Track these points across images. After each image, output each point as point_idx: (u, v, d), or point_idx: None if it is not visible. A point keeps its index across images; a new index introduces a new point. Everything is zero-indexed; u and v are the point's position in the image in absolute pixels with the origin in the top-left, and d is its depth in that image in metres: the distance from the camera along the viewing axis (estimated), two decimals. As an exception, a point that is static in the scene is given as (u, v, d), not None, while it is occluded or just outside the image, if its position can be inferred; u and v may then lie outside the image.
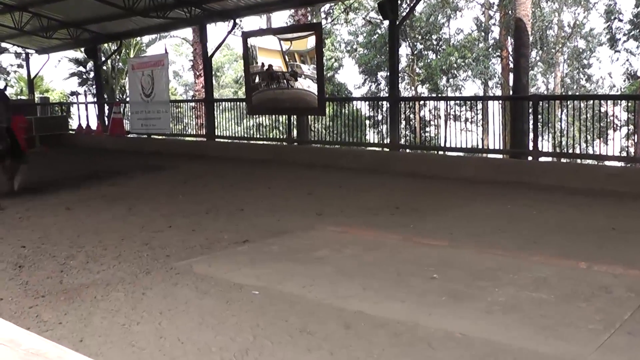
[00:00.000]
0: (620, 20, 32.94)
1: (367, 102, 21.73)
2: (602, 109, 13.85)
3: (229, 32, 19.37)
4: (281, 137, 21.46)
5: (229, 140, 19.71)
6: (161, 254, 7.31)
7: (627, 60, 33.13)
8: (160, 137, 21.77)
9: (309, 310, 5.34)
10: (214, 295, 5.79)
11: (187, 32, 35.53)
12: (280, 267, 6.66)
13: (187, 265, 6.80)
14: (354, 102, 20.53)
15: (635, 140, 20.84)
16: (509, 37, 29.52)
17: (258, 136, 22.02)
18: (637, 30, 31.92)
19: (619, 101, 16.97)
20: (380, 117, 19.09)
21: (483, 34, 33.91)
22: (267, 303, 5.53)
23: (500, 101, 17.28)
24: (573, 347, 4.54)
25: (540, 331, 4.83)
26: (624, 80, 33.39)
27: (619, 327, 4.88)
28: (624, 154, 19.31)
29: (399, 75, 20.49)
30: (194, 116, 23.75)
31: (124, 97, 33.18)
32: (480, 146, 18.72)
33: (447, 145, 15.51)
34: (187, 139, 22.42)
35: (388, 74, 16.83)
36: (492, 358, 4.36)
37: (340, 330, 4.87)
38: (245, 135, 21.25)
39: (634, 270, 6.29)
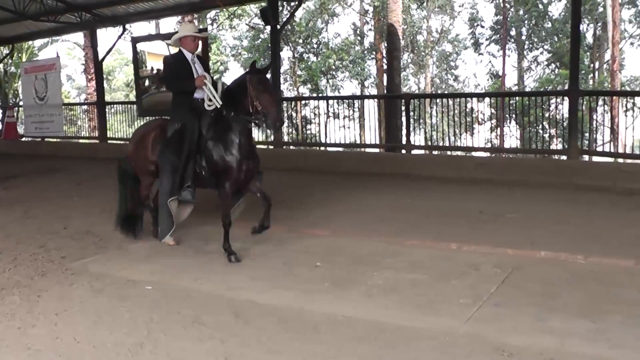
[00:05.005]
0: (482, 27, 34.29)
1: (252, 104, 21.57)
2: (469, 106, 14.27)
3: (119, 37, 18.80)
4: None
5: (122, 142, 19.22)
6: (57, 255, 7.01)
7: (490, 62, 34.56)
8: (54, 140, 20.97)
9: (201, 302, 5.29)
10: (108, 293, 5.64)
11: (79, 37, 34.28)
12: (173, 262, 6.53)
13: (83, 265, 6.57)
14: (240, 104, 20.30)
15: (499, 133, 21.58)
16: (382, 41, 29.99)
17: (150, 137, 21.55)
18: (498, 36, 33.24)
19: (483, 98, 17.50)
20: (265, 117, 18.95)
21: (359, 38, 34.29)
22: (161, 297, 5.43)
23: (376, 100, 17.58)
24: (446, 321, 4.67)
25: (416, 309, 4.94)
26: (488, 80, 34.71)
27: (486, 300, 5.08)
28: (489, 145, 19.98)
29: (282, 77, 20.34)
30: (87, 119, 22.98)
31: (17, 100, 31.73)
32: (358, 142, 18.87)
33: (328, 141, 15.57)
34: (81, 141, 21.67)
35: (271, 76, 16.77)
36: (373, 337, 4.42)
37: (230, 320, 4.84)
38: (138, 137, 20.90)
39: (499, 248, 6.52)
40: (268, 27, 15.99)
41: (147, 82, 17.06)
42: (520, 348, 4.18)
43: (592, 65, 30.84)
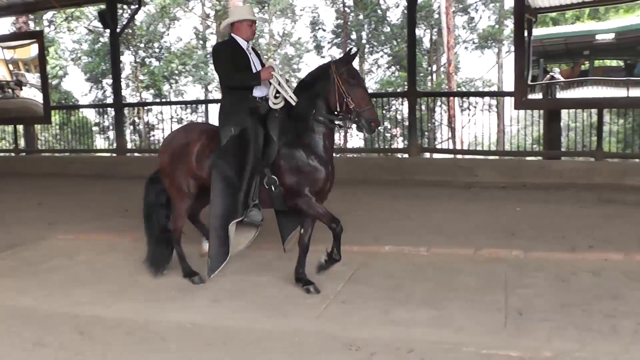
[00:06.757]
0: (324, 30, 35.02)
1: (94, 109, 20.94)
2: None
3: (-52, 40, 17.67)
4: (9, 147, 20.02)
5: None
6: None
7: (332, 64, 35.36)
8: None
9: (43, 321, 5.01)
10: (-61, 320, 5.20)
11: None
12: (12, 281, 6.14)
13: None
14: (81, 110, 19.78)
15: (342, 133, 22.11)
16: (225, 45, 29.93)
17: (-14, 148, 20.44)
18: (339, 39, 34.06)
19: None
20: (107, 123, 18.48)
21: (201, 42, 34.08)
22: (-1, 321, 5.10)
23: (219, 104, 17.44)
24: (295, 321, 4.74)
25: (264, 311, 4.96)
26: (331, 81, 35.49)
27: (333, 298, 5.20)
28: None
29: (124, 82, 19.73)
30: None
31: None
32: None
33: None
34: None
35: (112, 81, 16.36)
36: (221, 342, 4.40)
37: (75, 337, 4.64)
38: (-28, 148, 19.87)
39: (345, 246, 6.49)
40: (107, 31, 15.58)
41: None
42: (368, 341, 4.30)
43: (430, 68, 32.21)
